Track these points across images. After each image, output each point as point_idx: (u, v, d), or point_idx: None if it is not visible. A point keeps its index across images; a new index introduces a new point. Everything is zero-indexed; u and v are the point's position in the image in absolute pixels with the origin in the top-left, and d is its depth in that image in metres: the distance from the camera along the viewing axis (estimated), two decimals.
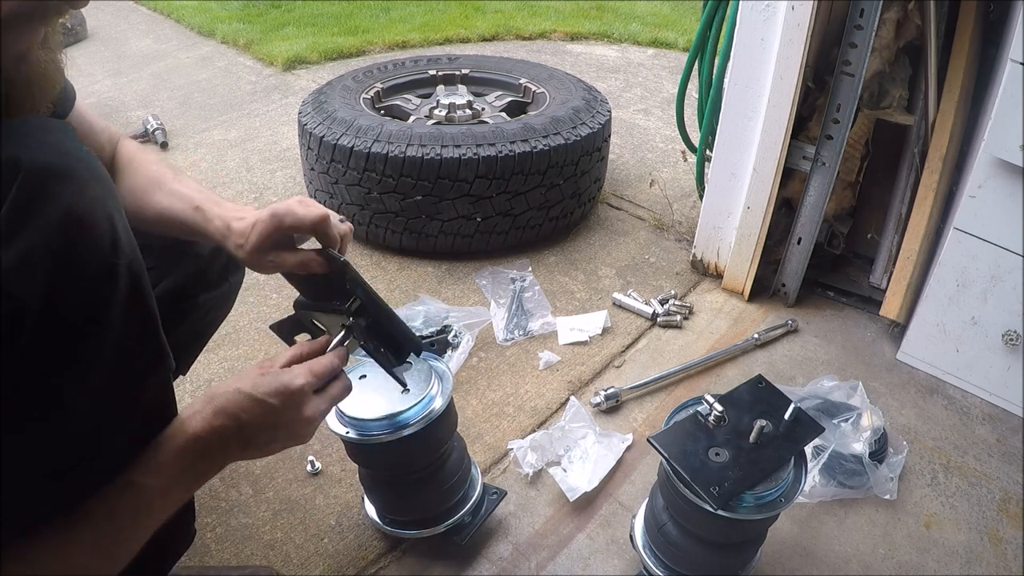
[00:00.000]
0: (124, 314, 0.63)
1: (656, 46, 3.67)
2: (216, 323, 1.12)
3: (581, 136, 1.81)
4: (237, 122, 2.70)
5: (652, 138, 2.63)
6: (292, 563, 1.11)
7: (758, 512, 0.85)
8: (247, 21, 3.88)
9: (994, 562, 1.14)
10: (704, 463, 0.86)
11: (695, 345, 1.60)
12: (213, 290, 1.03)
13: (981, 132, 1.34)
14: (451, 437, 1.03)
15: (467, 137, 1.71)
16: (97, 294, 0.61)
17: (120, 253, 0.62)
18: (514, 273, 1.78)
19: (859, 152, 1.65)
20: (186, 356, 1.09)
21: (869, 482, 1.21)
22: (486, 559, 1.11)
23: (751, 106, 1.55)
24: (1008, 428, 1.39)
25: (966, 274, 1.39)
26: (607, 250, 1.94)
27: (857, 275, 1.79)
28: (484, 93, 2.21)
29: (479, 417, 1.39)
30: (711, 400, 0.91)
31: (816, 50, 1.52)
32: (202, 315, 1.04)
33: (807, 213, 1.63)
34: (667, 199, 2.16)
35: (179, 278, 0.95)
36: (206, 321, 1.08)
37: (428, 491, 1.04)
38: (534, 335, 1.61)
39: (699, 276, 1.85)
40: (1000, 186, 1.29)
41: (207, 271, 0.99)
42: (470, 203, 1.74)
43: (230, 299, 1.11)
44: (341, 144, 1.72)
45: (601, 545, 1.14)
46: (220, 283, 1.04)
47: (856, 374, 1.51)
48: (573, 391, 1.46)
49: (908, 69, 1.55)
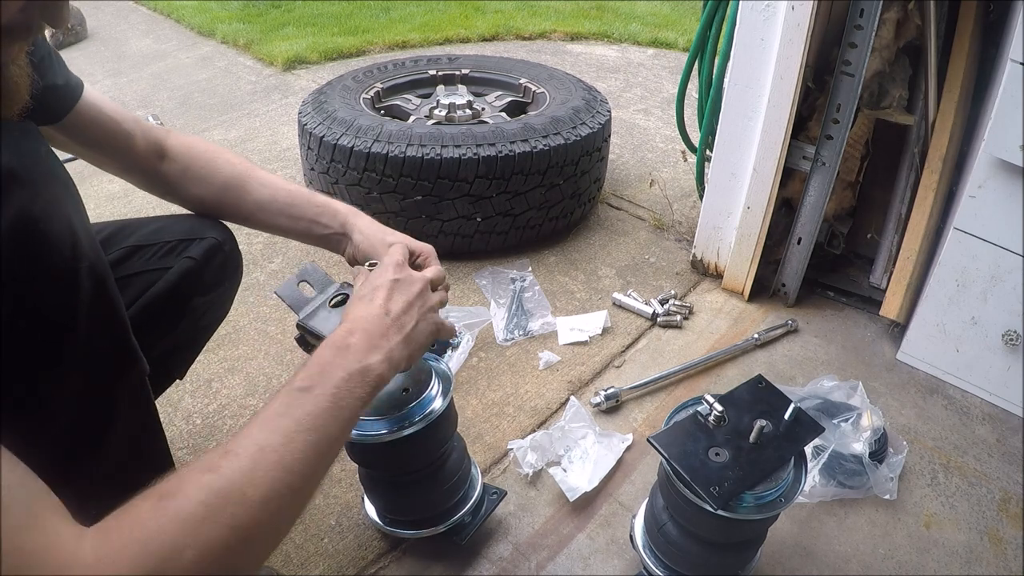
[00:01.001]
0: (88, 318, 0.61)
1: (656, 46, 3.68)
2: (213, 326, 1.10)
3: (581, 136, 1.81)
4: (237, 122, 2.70)
5: (652, 138, 2.63)
6: (292, 563, 1.11)
7: (758, 512, 0.85)
8: (247, 21, 3.88)
9: (994, 562, 1.14)
10: (704, 463, 0.86)
11: (695, 345, 1.60)
12: (209, 293, 1.01)
13: (981, 132, 1.34)
14: (451, 437, 1.03)
15: (467, 137, 1.71)
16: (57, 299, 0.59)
17: (81, 256, 0.61)
18: (514, 273, 1.78)
19: (859, 152, 1.65)
20: (182, 360, 1.08)
21: (869, 482, 1.21)
22: (486, 559, 1.11)
23: (751, 106, 1.55)
24: (1008, 428, 1.39)
25: (966, 274, 1.39)
26: (607, 250, 1.94)
27: (857, 275, 1.79)
28: (484, 93, 2.21)
29: (479, 417, 1.39)
30: (711, 400, 0.91)
31: (816, 50, 1.52)
32: (197, 318, 1.02)
33: (807, 213, 1.63)
34: (667, 199, 2.16)
35: (172, 280, 0.93)
36: (202, 324, 1.05)
37: (428, 491, 1.04)
38: (534, 335, 1.61)
39: (699, 276, 1.85)
40: (1000, 186, 1.29)
41: (202, 273, 0.97)
42: (470, 203, 1.74)
43: (227, 302, 1.09)
44: (341, 144, 1.72)
45: (601, 545, 1.14)
46: (216, 286, 1.02)
47: (856, 374, 1.51)
48: (573, 391, 1.46)
49: (908, 69, 1.55)
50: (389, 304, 0.75)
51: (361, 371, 0.66)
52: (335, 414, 0.62)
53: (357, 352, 0.67)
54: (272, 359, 1.52)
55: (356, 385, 0.65)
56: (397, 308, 0.75)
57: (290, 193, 0.99)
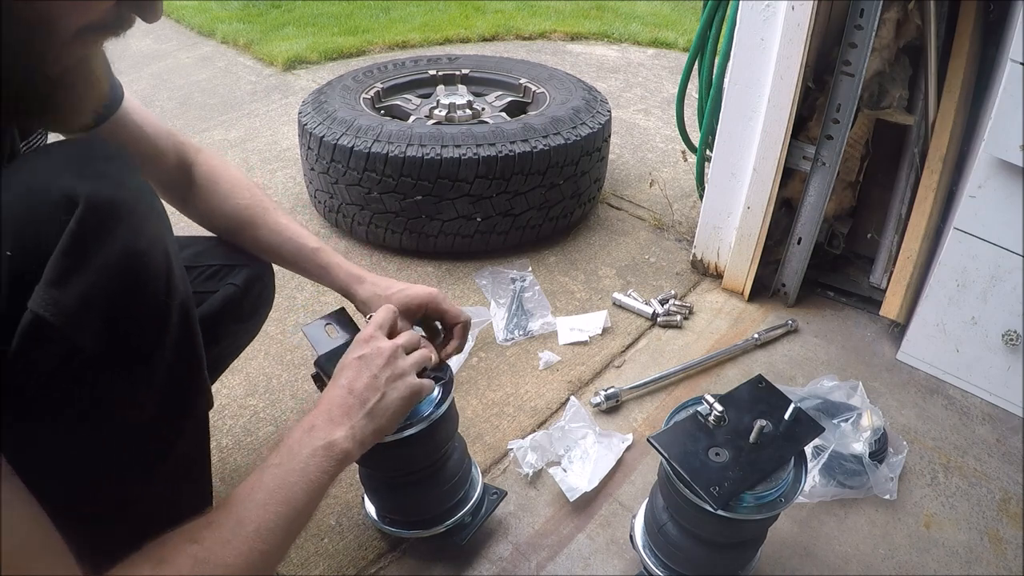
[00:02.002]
0: (174, 351, 0.63)
1: (656, 46, 3.68)
2: (237, 353, 1.13)
3: (581, 136, 1.81)
4: (237, 122, 2.70)
5: (652, 138, 2.63)
6: (292, 563, 1.11)
7: (758, 512, 0.85)
8: (247, 21, 3.88)
9: (994, 562, 1.14)
10: (704, 463, 0.86)
11: (695, 345, 1.60)
12: (245, 321, 1.03)
13: (981, 132, 1.34)
14: (452, 438, 1.03)
15: (467, 137, 1.71)
16: (148, 335, 0.60)
17: (174, 292, 0.62)
18: (514, 273, 1.78)
19: (859, 152, 1.65)
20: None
21: (869, 482, 1.21)
22: (486, 559, 1.11)
23: (751, 106, 1.55)
24: (1008, 428, 1.39)
25: (966, 274, 1.39)
26: (607, 250, 1.94)
27: (857, 275, 1.79)
28: (484, 93, 2.21)
29: (479, 417, 1.39)
30: (711, 400, 0.91)
31: (816, 50, 1.52)
32: (229, 343, 1.04)
33: (807, 213, 1.63)
34: (667, 199, 2.16)
35: (215, 305, 0.95)
36: (230, 350, 1.08)
37: (428, 491, 1.04)
38: (534, 335, 1.61)
39: (699, 276, 1.85)
40: (1000, 186, 1.29)
41: (242, 301, 0.99)
42: (470, 203, 1.74)
43: (255, 331, 1.12)
44: (341, 144, 1.72)
45: (601, 545, 1.14)
46: (252, 315, 1.05)
47: (856, 374, 1.51)
48: (573, 391, 1.46)
49: (908, 69, 1.55)
50: (353, 383, 0.79)
51: (325, 447, 0.72)
52: (304, 487, 0.68)
53: (320, 431, 0.74)
54: (272, 359, 1.52)
55: (322, 460, 0.71)
56: (360, 385, 0.79)
57: (297, 249, 1.00)
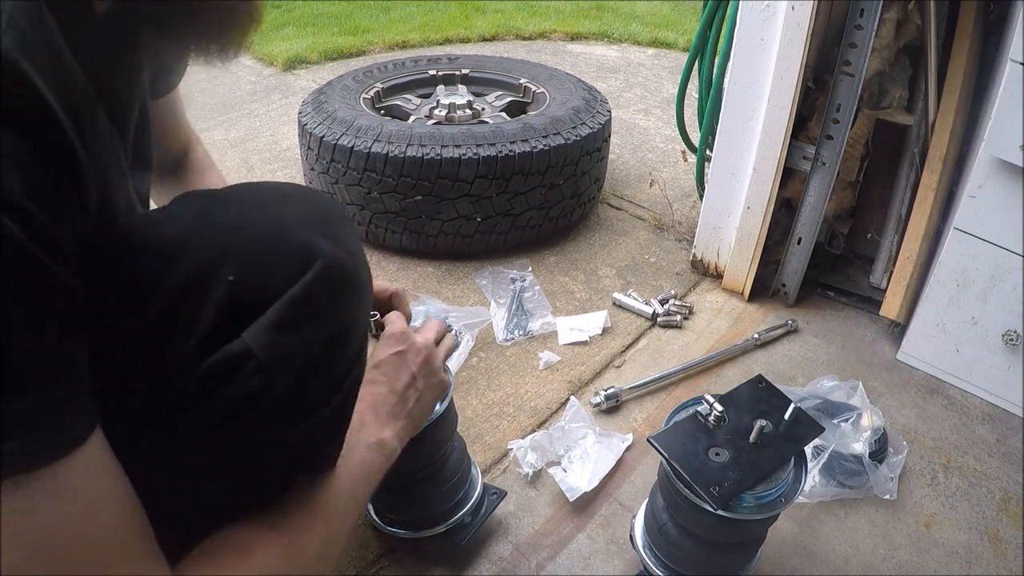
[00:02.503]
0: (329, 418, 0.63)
1: (656, 46, 3.68)
2: None
3: (581, 136, 1.81)
4: (237, 122, 2.70)
5: (652, 138, 2.63)
6: None
7: (758, 512, 0.85)
8: None
9: (994, 562, 1.14)
10: (704, 463, 0.86)
11: (695, 345, 1.60)
12: None
13: (981, 132, 1.34)
14: (451, 438, 1.03)
15: (467, 137, 1.71)
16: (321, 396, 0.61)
17: (353, 370, 0.64)
18: (514, 273, 1.78)
19: (859, 152, 1.65)
20: None
21: (869, 482, 1.21)
22: (486, 559, 1.11)
23: (751, 106, 1.55)
24: (1008, 428, 1.39)
25: (966, 274, 1.39)
26: (607, 250, 1.94)
27: (857, 275, 1.79)
28: (484, 93, 2.21)
29: (479, 417, 1.39)
30: (711, 400, 0.91)
31: (816, 50, 1.52)
32: None
33: (807, 213, 1.63)
34: (667, 199, 2.16)
35: None
36: None
37: (428, 491, 1.04)
38: (534, 335, 1.61)
39: (699, 276, 1.85)
40: (1000, 186, 1.29)
41: None
42: (470, 203, 1.74)
43: None
44: (341, 144, 1.72)
45: (601, 545, 1.14)
46: None
47: (856, 374, 1.51)
48: (573, 391, 1.46)
49: (908, 69, 1.55)
50: (395, 383, 0.80)
51: (378, 444, 0.75)
52: (363, 481, 0.71)
53: (371, 427, 0.76)
54: None
55: (376, 455, 0.74)
56: (401, 385, 0.80)
57: None
